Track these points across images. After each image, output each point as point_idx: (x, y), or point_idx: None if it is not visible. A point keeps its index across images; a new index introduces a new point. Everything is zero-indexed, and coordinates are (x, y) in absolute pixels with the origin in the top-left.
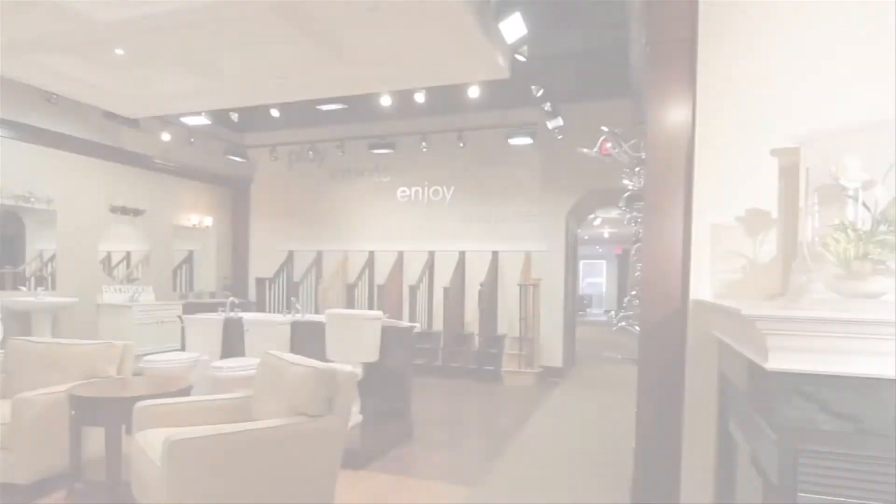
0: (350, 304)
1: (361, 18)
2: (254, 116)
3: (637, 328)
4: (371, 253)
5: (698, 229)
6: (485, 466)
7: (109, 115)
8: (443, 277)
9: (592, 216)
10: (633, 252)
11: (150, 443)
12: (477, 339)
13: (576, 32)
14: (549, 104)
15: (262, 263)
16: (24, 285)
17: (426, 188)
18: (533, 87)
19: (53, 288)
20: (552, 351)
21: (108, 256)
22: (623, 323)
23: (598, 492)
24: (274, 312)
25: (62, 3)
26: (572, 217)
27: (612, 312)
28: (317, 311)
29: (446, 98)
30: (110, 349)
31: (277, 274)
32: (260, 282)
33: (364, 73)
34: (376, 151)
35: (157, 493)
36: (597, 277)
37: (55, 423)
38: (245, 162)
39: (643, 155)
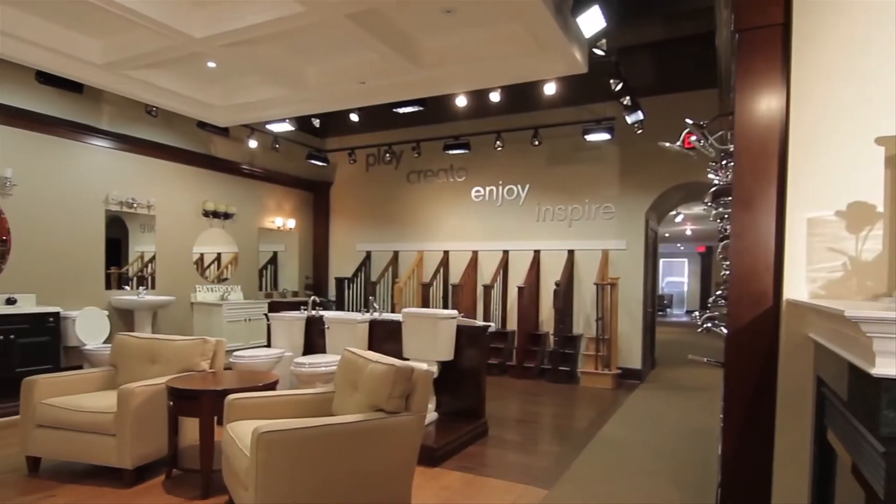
0: (425, 303)
1: (438, 21)
2: (334, 121)
3: (724, 330)
4: (445, 252)
5: (793, 225)
6: (561, 468)
7: (202, 125)
8: (517, 277)
9: (674, 213)
10: (718, 250)
11: (239, 434)
12: (552, 339)
13: (657, 22)
14: (628, 98)
15: (341, 263)
16: (128, 285)
17: (500, 187)
18: (611, 80)
19: (153, 287)
20: (631, 352)
21: (201, 258)
22: (708, 324)
23: (679, 499)
24: (352, 311)
25: (163, 22)
26: (652, 214)
27: (697, 313)
28: (393, 310)
29: (521, 96)
30: (204, 345)
31: (356, 273)
32: (339, 281)
33: (441, 75)
34: (451, 152)
35: (246, 482)
36: (678, 276)
37: (155, 413)
38: (325, 165)
39: (731, 147)
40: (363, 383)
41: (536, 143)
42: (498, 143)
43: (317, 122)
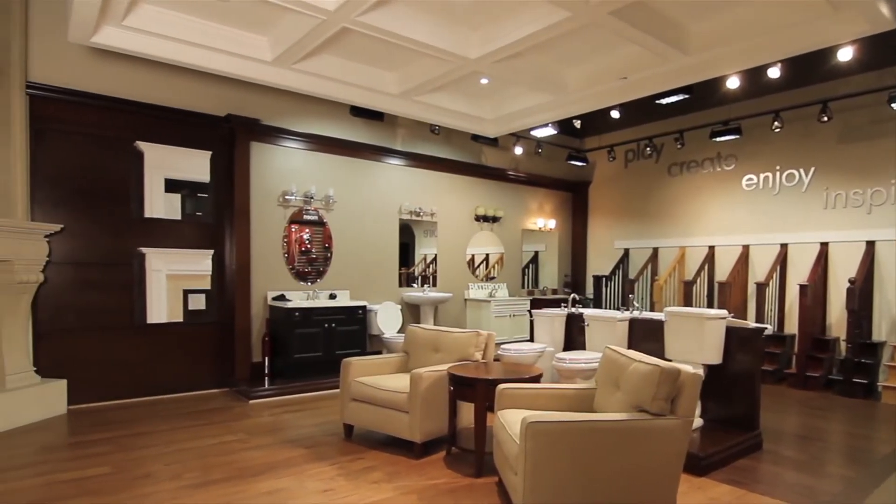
0: (687, 301)
1: (706, 0)
2: (593, 120)
3: None
4: (711, 248)
5: None
6: (856, 496)
7: (475, 138)
8: (798, 273)
9: None
10: None
11: (509, 421)
12: (843, 345)
13: None
14: None
15: (598, 261)
16: (415, 283)
17: (778, 173)
18: None
19: (434, 285)
20: None
21: (472, 258)
22: None
23: None
24: (610, 309)
25: (445, 48)
26: None
27: None
28: (652, 309)
29: (805, 68)
30: (478, 337)
31: (613, 271)
32: (597, 279)
33: (711, 58)
34: (718, 139)
35: (515, 467)
36: None
37: (439, 396)
38: (585, 165)
39: None
40: (625, 382)
41: (825, 119)
42: (776, 123)
43: (577, 123)
